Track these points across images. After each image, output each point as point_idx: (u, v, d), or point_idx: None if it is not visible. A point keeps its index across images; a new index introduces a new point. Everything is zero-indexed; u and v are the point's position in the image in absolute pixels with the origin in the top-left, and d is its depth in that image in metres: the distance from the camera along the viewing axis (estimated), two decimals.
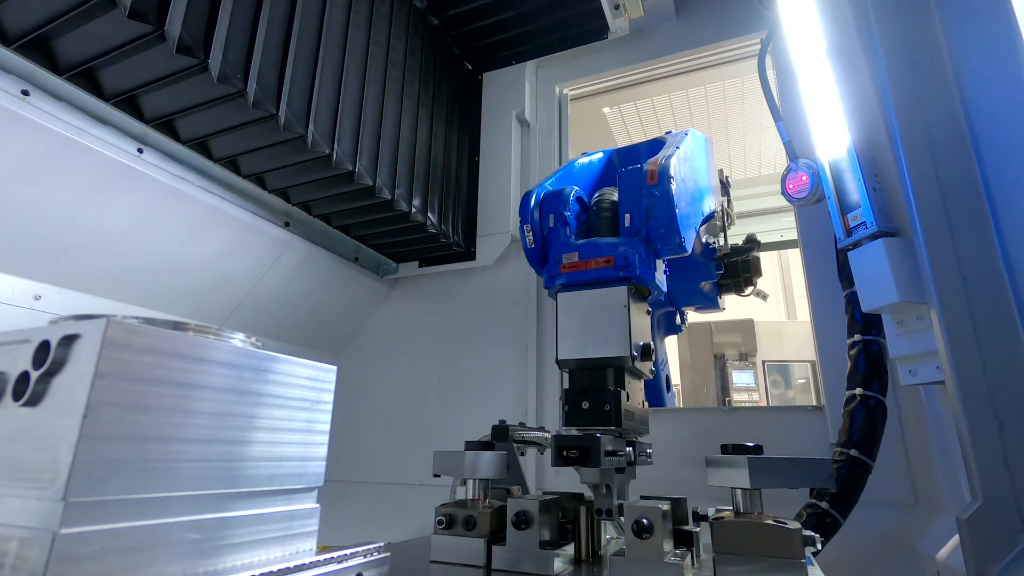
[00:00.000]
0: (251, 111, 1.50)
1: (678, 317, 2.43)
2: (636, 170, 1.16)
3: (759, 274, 2.14)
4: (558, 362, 1.13)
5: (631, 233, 1.13)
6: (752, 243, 2.13)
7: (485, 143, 2.61)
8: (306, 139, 1.63)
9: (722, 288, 2.12)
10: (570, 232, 1.20)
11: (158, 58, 1.34)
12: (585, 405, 1.05)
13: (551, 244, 1.21)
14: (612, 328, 1.08)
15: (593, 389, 1.06)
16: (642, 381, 1.22)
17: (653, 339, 1.18)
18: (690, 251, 1.16)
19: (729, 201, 1.86)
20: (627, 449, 1.05)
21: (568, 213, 1.21)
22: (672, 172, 1.13)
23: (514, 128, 2.58)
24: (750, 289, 2.17)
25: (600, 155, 1.51)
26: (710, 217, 1.41)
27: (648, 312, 1.20)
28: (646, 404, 1.24)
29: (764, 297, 2.36)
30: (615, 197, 1.22)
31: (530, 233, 1.23)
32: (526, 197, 1.26)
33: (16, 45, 1.27)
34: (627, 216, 1.14)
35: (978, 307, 0.93)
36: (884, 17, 1.12)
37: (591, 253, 1.14)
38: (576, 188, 1.26)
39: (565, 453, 0.97)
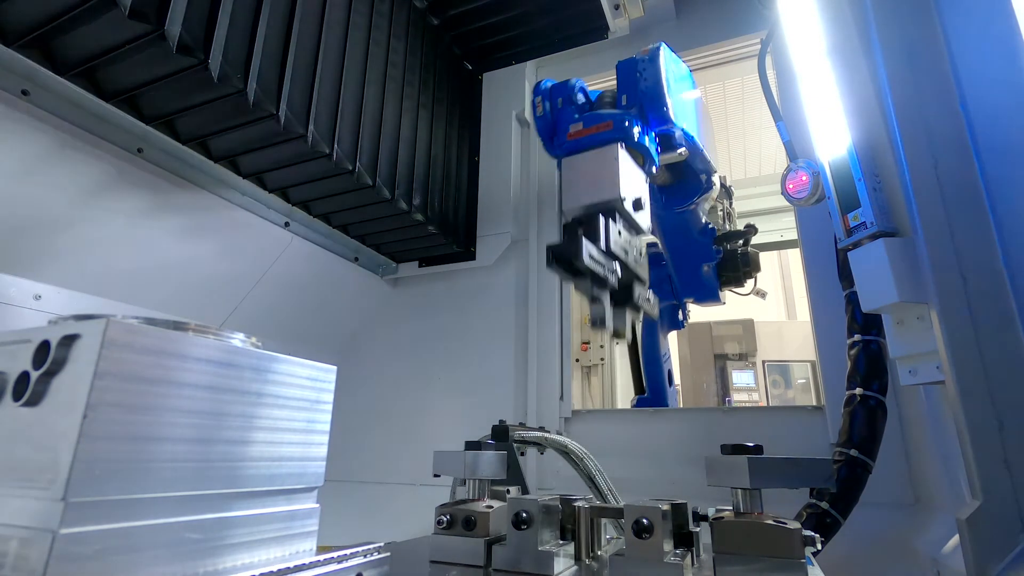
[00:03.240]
0: (251, 111, 1.50)
1: (680, 313, 2.44)
2: (630, 59, 1.38)
3: (758, 269, 2.16)
4: (561, 213, 1.26)
5: (626, 108, 1.32)
6: (750, 227, 2.16)
7: (485, 143, 2.61)
8: (306, 139, 1.63)
9: (722, 281, 2.14)
10: (575, 111, 1.37)
11: (158, 58, 1.34)
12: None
13: (559, 121, 1.37)
14: (604, 176, 1.22)
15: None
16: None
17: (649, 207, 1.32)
18: (674, 121, 1.33)
19: (731, 204, 1.88)
20: (614, 265, 1.16)
21: (575, 96, 1.40)
22: (660, 53, 1.37)
23: (514, 128, 2.58)
24: (749, 286, 2.18)
25: None
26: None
27: (644, 173, 1.34)
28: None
29: (763, 295, 2.37)
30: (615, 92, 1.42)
31: (541, 105, 1.40)
32: (539, 84, 1.47)
33: (16, 44, 1.27)
34: (623, 96, 1.35)
35: (978, 307, 0.93)
36: (884, 17, 1.12)
37: (593, 121, 1.31)
38: (581, 80, 1.46)
39: (554, 256, 1.11)
